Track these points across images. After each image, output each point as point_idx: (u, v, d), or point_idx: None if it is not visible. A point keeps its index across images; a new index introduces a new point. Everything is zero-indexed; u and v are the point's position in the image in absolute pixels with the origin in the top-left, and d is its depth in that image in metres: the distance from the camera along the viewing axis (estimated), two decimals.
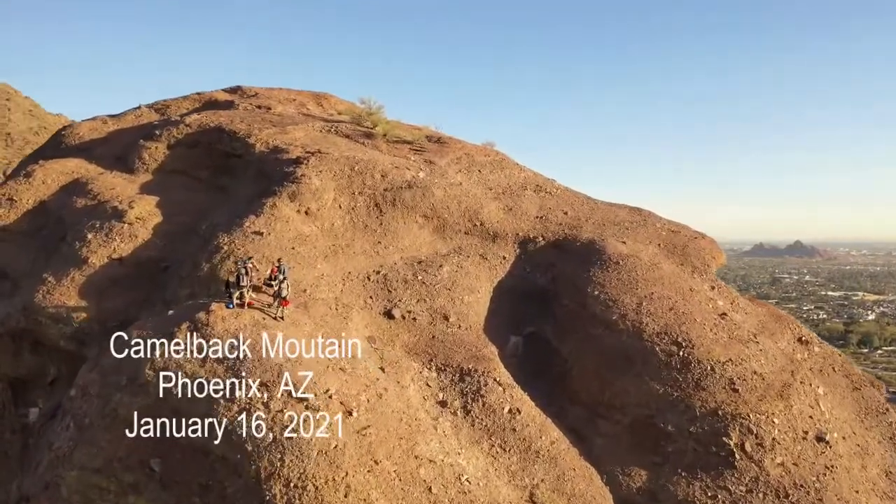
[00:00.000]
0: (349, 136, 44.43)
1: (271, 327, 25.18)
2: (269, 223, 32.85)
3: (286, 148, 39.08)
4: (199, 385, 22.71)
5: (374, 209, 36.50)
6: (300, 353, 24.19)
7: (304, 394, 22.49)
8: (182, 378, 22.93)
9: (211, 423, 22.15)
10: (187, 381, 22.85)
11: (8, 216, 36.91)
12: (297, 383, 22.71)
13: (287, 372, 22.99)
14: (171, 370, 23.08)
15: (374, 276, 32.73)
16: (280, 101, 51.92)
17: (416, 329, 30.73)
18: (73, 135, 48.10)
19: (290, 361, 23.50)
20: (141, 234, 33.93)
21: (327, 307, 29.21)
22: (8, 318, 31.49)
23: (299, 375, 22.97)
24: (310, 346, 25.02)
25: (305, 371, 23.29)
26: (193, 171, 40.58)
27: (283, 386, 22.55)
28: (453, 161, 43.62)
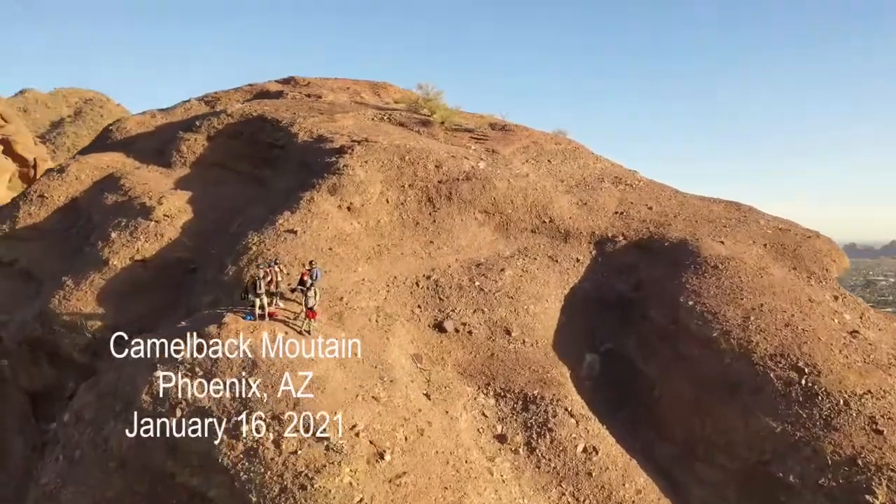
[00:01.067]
0: (403, 125, 40.02)
1: (293, 345, 20.87)
2: (304, 220, 28.72)
3: (331, 137, 35.00)
4: (200, 416, 18.61)
5: (426, 204, 31.88)
6: (324, 377, 19.78)
7: (325, 432, 18.00)
8: (181, 406, 18.90)
9: (211, 464, 18.00)
10: (186, 411, 18.80)
11: (38, 214, 34.33)
12: (316, 418, 18.26)
13: (305, 403, 18.59)
14: (170, 396, 19.11)
15: (423, 281, 28.08)
16: (332, 89, 48.15)
17: (471, 345, 25.89)
18: (120, 129, 45.76)
19: (310, 389, 19.08)
20: (168, 233, 30.49)
21: (366, 318, 24.76)
22: (24, 326, 28.62)
23: (320, 407, 18.53)
24: (337, 368, 20.65)
25: (328, 401, 18.84)
26: (233, 164, 37.10)
27: (300, 421, 18.14)
28: (519, 150, 38.54)
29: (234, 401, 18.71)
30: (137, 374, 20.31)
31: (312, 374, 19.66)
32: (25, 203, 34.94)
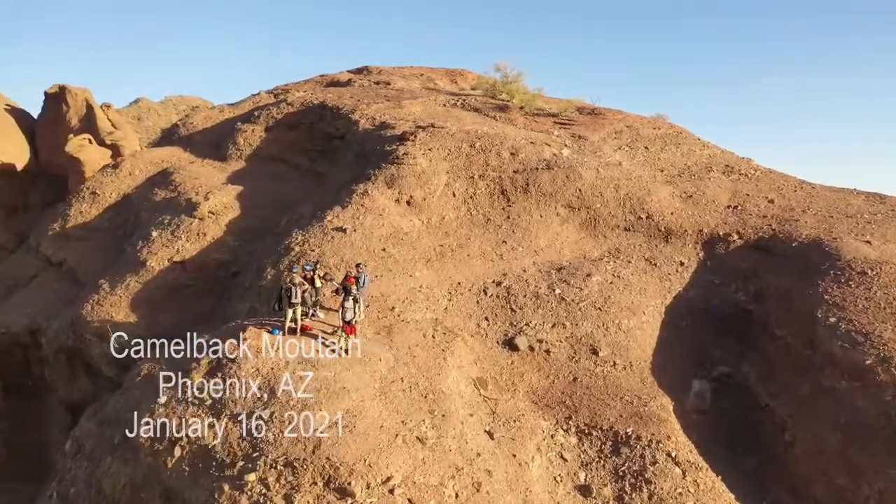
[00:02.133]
0: (477, 110, 35.66)
1: (324, 368, 16.95)
2: (356, 216, 24.91)
3: (393, 123, 31.13)
4: (202, 458, 14.97)
5: (499, 197, 27.39)
6: (357, 411, 15.73)
7: (349, 487, 13.91)
8: (181, 444, 15.33)
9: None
10: (186, 451, 15.21)
11: (89, 212, 32.41)
12: (340, 466, 14.20)
13: (327, 447, 14.57)
14: (171, 430, 15.59)
15: (493, 288, 23.63)
16: (404, 76, 44.45)
17: (549, 367, 21.25)
18: (187, 124, 43.87)
19: (336, 428, 15.06)
20: (211, 232, 27.51)
21: (420, 333, 20.59)
22: (59, 334, 26.33)
23: (345, 453, 14.46)
24: (376, 398, 16.57)
25: (357, 445, 14.74)
26: (291, 156, 33.96)
27: (317, 471, 14.13)
28: (611, 135, 33.35)
29: (241, 440, 14.94)
30: (142, 399, 16.98)
31: (342, 407, 15.66)
32: (77, 200, 33.15)
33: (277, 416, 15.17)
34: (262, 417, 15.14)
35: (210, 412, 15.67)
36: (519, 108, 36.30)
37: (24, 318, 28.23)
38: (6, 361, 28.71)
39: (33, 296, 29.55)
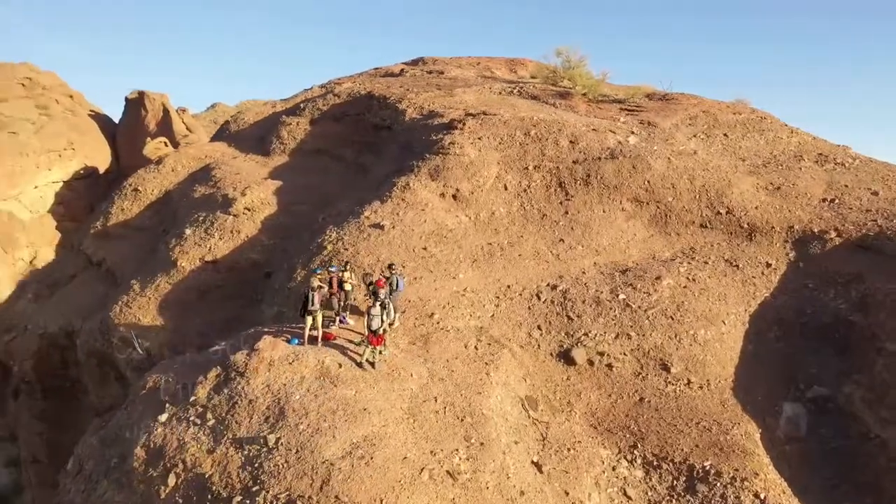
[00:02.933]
0: (536, 98, 32.83)
1: (344, 385, 14.64)
2: (395, 212, 22.61)
3: (442, 112, 28.70)
4: (197, 488, 12.91)
5: (556, 191, 24.56)
6: (378, 437, 13.35)
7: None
8: (177, 470, 13.31)
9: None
10: (182, 478, 13.18)
11: (130, 209, 31.36)
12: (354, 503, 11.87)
13: (337, 483, 12.21)
14: (168, 452, 13.61)
15: (547, 292, 20.86)
16: (459, 66, 41.94)
17: (611, 385, 18.35)
18: (238, 120, 42.74)
19: (350, 458, 12.72)
20: (245, 229, 25.77)
21: (461, 344, 18.05)
22: (89, 337, 25.11)
23: (358, 490, 12.09)
24: (403, 421, 14.16)
25: (374, 480, 12.35)
26: (336, 149, 32.01)
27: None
28: (684, 121, 29.91)
29: (241, 470, 12.77)
30: (143, 415, 15.14)
31: (360, 433, 13.31)
32: (119, 198, 32.18)
33: (284, 443, 12.95)
34: (266, 443, 12.96)
35: (211, 434, 13.62)
36: (581, 94, 33.26)
37: (60, 319, 27.32)
38: (44, 363, 27.91)
39: (71, 296, 28.67)
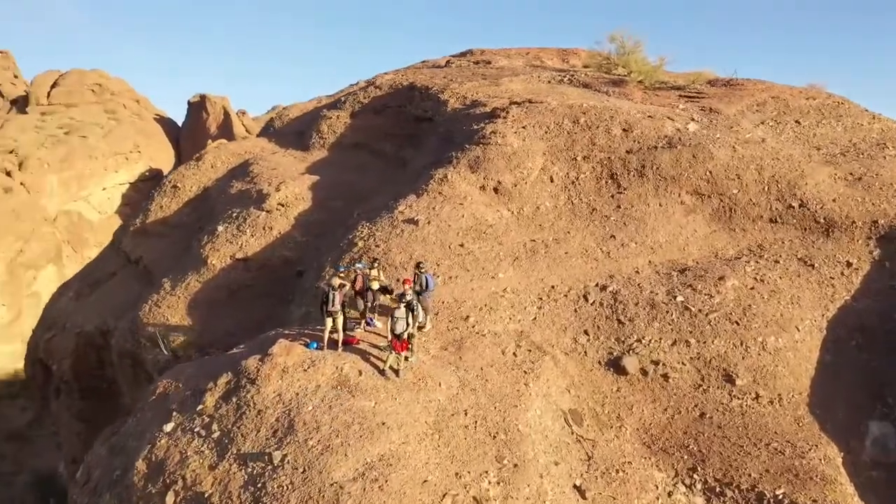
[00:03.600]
0: (588, 86, 30.78)
1: (363, 396, 13.18)
2: (431, 206, 21.07)
3: (485, 101, 27.02)
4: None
5: (607, 183, 22.56)
6: (395, 456, 11.83)
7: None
8: (176, 488, 12.08)
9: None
10: (181, 497, 11.94)
11: (169, 206, 30.80)
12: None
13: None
14: (168, 466, 12.41)
15: (596, 293, 18.94)
16: (508, 56, 40.14)
17: (667, 398, 16.35)
18: (282, 117, 42.11)
19: (362, 481, 11.22)
20: (278, 226, 24.68)
21: (499, 350, 16.35)
22: (121, 336, 24.46)
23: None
24: (427, 437, 12.60)
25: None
26: (376, 142, 30.72)
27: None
28: (751, 107, 27.38)
29: (243, 491, 11.43)
30: (150, 424, 14.04)
31: (376, 451, 11.80)
32: (159, 194, 31.70)
33: (291, 461, 11.56)
34: (271, 461, 11.59)
35: (216, 448, 12.35)
36: (637, 82, 31.00)
37: (96, 318, 26.88)
38: (81, 362, 27.55)
39: (109, 294, 28.26)
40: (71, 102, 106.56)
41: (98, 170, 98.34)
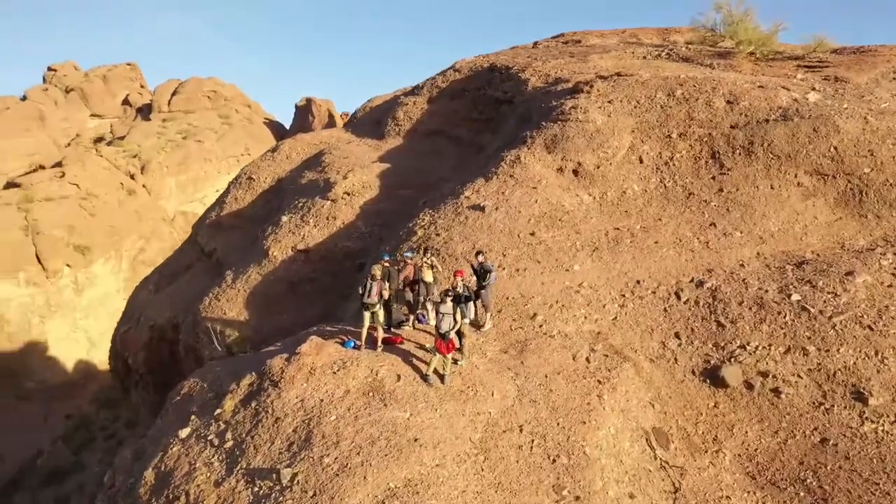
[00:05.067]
0: (688, 59, 27.43)
1: (397, 405, 11.16)
2: (501, 190, 18.79)
3: (569, 77, 24.39)
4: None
5: (707, 163, 19.44)
6: (425, 483, 9.71)
7: None
8: (183, 501, 10.52)
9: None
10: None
11: (244, 198, 30.13)
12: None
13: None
14: (174, 479, 10.87)
15: (690, 290, 16.03)
16: (601, 35, 37.04)
17: (778, 418, 13.32)
18: (365, 108, 40.98)
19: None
20: (342, 215, 23.15)
21: (569, 355, 13.88)
22: (186, 330, 23.74)
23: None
24: (469, 458, 10.40)
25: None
26: (452, 128, 28.73)
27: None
28: (886, 75, 23.24)
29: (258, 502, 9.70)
30: (168, 429, 12.64)
31: (402, 474, 9.73)
32: (235, 186, 31.16)
33: (301, 481, 9.69)
34: (280, 479, 9.76)
35: (226, 460, 10.70)
36: (747, 53, 27.32)
37: (167, 311, 26.46)
38: (154, 356, 27.24)
39: (182, 288, 27.84)
40: (189, 109, 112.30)
41: (212, 172, 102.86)
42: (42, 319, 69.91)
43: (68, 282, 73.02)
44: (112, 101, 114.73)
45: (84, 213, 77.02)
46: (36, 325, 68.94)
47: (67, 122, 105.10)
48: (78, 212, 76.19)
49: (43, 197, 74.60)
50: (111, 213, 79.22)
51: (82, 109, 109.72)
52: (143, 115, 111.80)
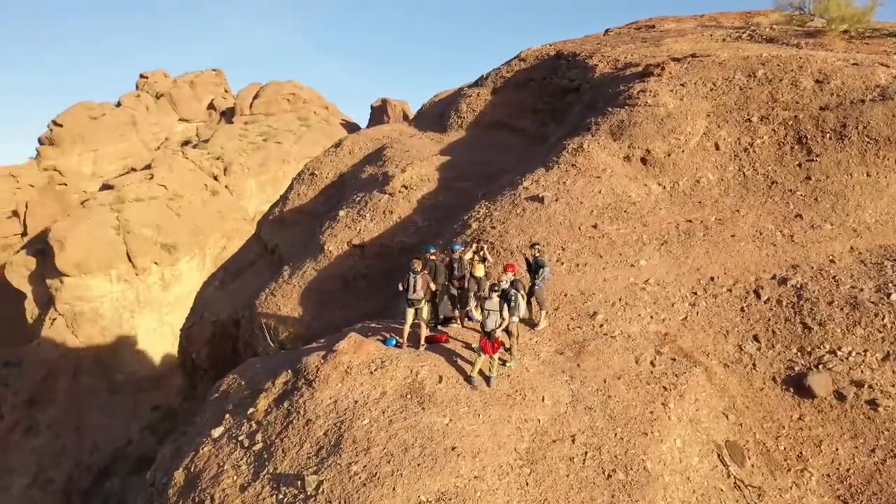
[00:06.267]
0: (772, 40, 25.32)
1: (436, 409, 10.32)
2: (562, 180, 17.64)
3: (639, 62, 22.87)
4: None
5: (793, 148, 17.61)
6: (462, 496, 8.82)
7: None
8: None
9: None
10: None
11: (306, 194, 30.04)
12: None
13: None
14: (201, 483, 10.41)
15: (772, 287, 14.43)
16: (677, 20, 35.01)
17: (874, 434, 11.70)
18: (432, 102, 40.41)
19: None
20: (399, 209, 22.53)
21: (632, 357, 12.66)
22: (244, 326, 23.73)
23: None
24: (512, 471, 9.45)
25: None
26: (516, 120, 27.64)
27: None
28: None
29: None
30: (203, 427, 12.25)
31: (435, 487, 8.88)
32: (298, 182, 31.15)
33: (326, 490, 8.99)
34: (304, 487, 9.11)
35: (254, 463, 10.16)
36: (840, 31, 24.95)
37: (229, 307, 26.64)
38: (217, 351, 27.49)
39: (244, 284, 28.01)
40: (269, 112, 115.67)
41: (290, 173, 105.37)
42: (132, 314, 73.19)
43: (156, 278, 76.15)
44: (198, 106, 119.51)
45: (171, 213, 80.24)
46: (126, 320, 72.23)
47: (157, 127, 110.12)
48: (165, 212, 79.44)
49: (133, 198, 78.15)
50: (195, 213, 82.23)
51: (171, 114, 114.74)
52: (227, 118, 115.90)
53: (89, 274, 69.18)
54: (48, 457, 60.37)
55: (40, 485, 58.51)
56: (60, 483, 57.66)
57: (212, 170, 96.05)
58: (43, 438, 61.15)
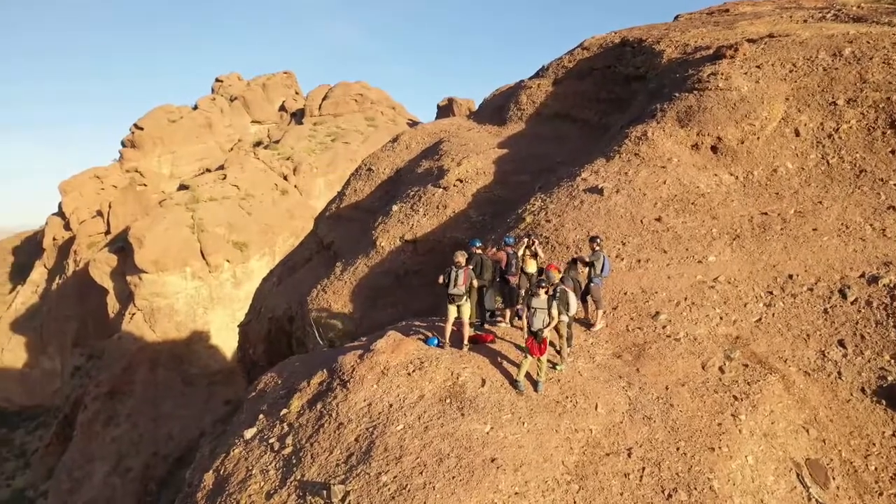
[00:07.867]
0: (859, 19, 23.21)
1: (476, 415, 9.53)
2: (623, 171, 16.48)
3: (710, 45, 21.34)
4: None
5: (885, 133, 15.87)
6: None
7: None
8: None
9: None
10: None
11: (363, 190, 29.69)
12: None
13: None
14: (229, 488, 9.96)
15: (859, 287, 12.92)
16: (753, 3, 32.89)
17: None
18: (492, 95, 39.51)
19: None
20: (453, 204, 21.78)
21: (697, 362, 11.50)
22: (297, 322, 23.53)
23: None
24: (559, 487, 8.57)
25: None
26: (578, 111, 26.43)
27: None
28: None
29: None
30: (238, 427, 11.84)
31: (472, 502, 8.09)
32: (354, 178, 30.86)
33: (352, 502, 8.34)
34: (331, 498, 8.49)
35: (282, 469, 9.63)
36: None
37: (284, 303, 26.54)
38: (274, 347, 27.46)
39: (300, 280, 27.86)
40: (338, 112, 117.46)
41: None
42: (205, 310, 75.41)
43: (228, 276, 78.22)
44: (270, 108, 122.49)
45: (242, 212, 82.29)
46: (200, 316, 74.49)
47: (231, 129, 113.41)
48: (237, 211, 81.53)
49: (207, 197, 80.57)
50: (266, 212, 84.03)
51: (244, 116, 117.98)
52: (297, 119, 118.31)
53: (166, 271, 71.64)
54: (127, 445, 62.76)
55: (120, 473, 60.98)
56: (138, 471, 59.94)
57: (282, 170, 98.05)
58: (122, 428, 63.61)
